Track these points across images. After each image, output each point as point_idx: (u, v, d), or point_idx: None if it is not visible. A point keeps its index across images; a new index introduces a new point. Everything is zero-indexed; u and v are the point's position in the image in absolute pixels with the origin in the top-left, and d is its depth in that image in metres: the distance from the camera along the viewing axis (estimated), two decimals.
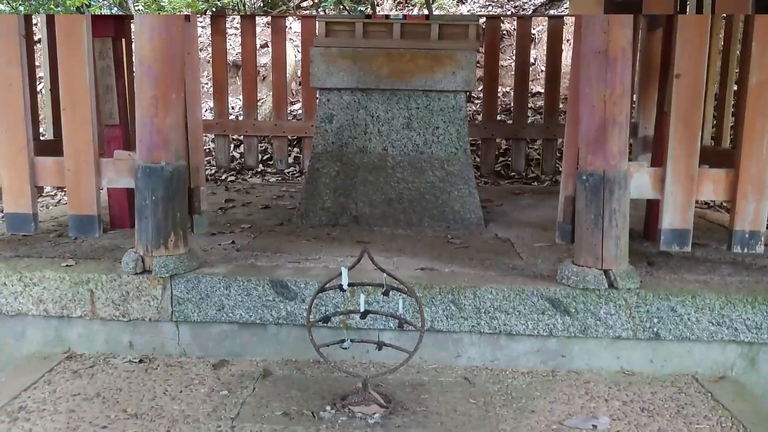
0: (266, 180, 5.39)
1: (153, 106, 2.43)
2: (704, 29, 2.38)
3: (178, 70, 2.48)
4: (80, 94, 2.49)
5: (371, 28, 3.58)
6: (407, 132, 3.61)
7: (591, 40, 2.36)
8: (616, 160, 2.39)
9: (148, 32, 2.40)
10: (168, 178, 2.45)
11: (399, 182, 3.60)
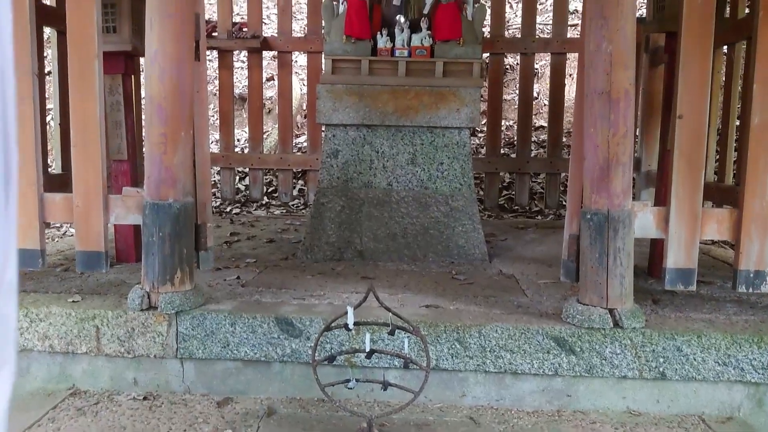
0: (271, 212, 5.42)
1: (162, 144, 2.46)
2: (705, 70, 2.42)
3: (187, 109, 2.52)
4: (91, 131, 2.53)
5: (377, 65, 3.64)
6: (412, 167, 3.64)
7: (594, 81, 2.40)
8: (620, 200, 2.41)
9: (158, 72, 2.44)
10: (175, 215, 2.47)
11: (404, 217, 3.62)
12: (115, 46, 3.12)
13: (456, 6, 3.60)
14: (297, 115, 7.06)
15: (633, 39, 2.39)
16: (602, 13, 2.35)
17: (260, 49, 5.23)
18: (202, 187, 2.75)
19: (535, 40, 5.10)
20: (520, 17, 6.21)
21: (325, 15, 3.70)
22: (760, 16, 2.38)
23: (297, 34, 7.36)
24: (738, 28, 3.52)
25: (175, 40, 2.45)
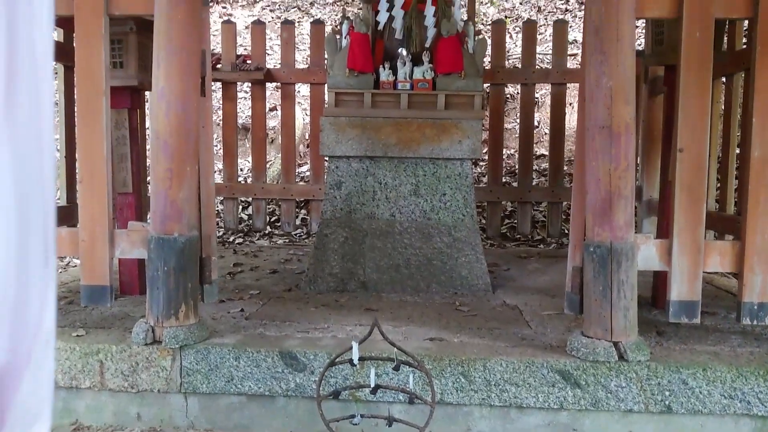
0: (274, 242, 5.43)
1: (168, 179, 2.48)
2: (705, 105, 2.45)
3: (192, 144, 2.55)
4: (98, 167, 2.55)
5: (379, 98, 3.68)
6: (415, 198, 3.66)
7: (595, 115, 2.43)
8: (623, 232, 2.42)
9: (165, 108, 2.48)
10: (180, 249, 2.49)
11: (407, 248, 3.63)
12: (121, 81, 3.17)
13: (457, 39, 3.65)
14: (300, 144, 7.11)
15: (633, 74, 2.43)
16: (602, 48, 2.39)
17: (264, 80, 5.29)
18: (206, 220, 2.77)
19: (535, 71, 5.16)
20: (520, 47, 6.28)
21: (328, 49, 3.76)
22: (757, 50, 2.42)
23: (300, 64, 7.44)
24: (736, 60, 3.57)
25: (181, 77, 2.49)
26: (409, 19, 3.75)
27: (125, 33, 3.17)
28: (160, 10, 2.47)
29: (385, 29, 3.82)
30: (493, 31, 5.23)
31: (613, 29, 2.34)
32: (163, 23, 2.47)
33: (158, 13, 2.47)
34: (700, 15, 2.40)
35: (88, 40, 2.51)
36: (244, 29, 8.50)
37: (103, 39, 2.51)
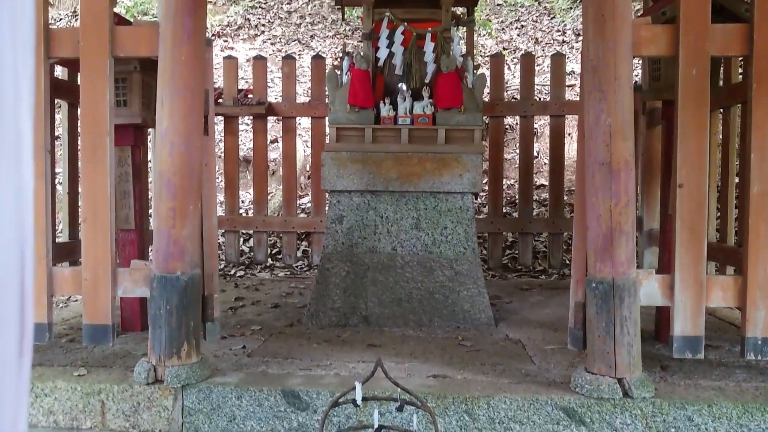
0: (275, 275, 5.43)
1: (171, 218, 2.50)
2: (703, 142, 2.47)
3: (195, 182, 2.57)
4: (101, 206, 2.57)
5: (380, 133, 3.72)
6: (416, 232, 3.67)
7: (594, 152, 2.45)
8: (625, 268, 2.42)
9: (168, 147, 2.51)
10: (183, 288, 2.49)
11: (408, 282, 3.63)
12: (125, 119, 3.20)
13: (457, 75, 3.70)
14: (300, 176, 7.15)
15: (631, 111, 2.46)
16: (600, 86, 2.42)
17: (265, 114, 5.34)
18: (209, 258, 2.78)
19: (534, 103, 5.21)
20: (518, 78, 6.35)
21: (329, 85, 3.80)
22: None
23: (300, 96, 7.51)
24: (733, 93, 3.61)
25: (184, 116, 2.52)
26: (409, 55, 3.80)
27: (129, 72, 3.21)
28: (164, 51, 2.51)
29: (385, 65, 3.87)
30: (491, 65, 5.29)
31: (610, 68, 2.38)
32: (167, 64, 2.50)
33: (162, 55, 2.51)
34: (696, 53, 2.43)
35: (93, 81, 2.54)
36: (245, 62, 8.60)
37: (108, 80, 2.55)
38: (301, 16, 10.17)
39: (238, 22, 10.09)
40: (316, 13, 10.18)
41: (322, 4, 10.13)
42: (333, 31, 9.82)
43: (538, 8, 9.76)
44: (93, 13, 2.50)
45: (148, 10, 9.91)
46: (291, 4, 10.26)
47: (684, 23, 2.43)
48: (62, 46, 2.55)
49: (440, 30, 3.79)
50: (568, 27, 9.26)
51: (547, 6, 9.69)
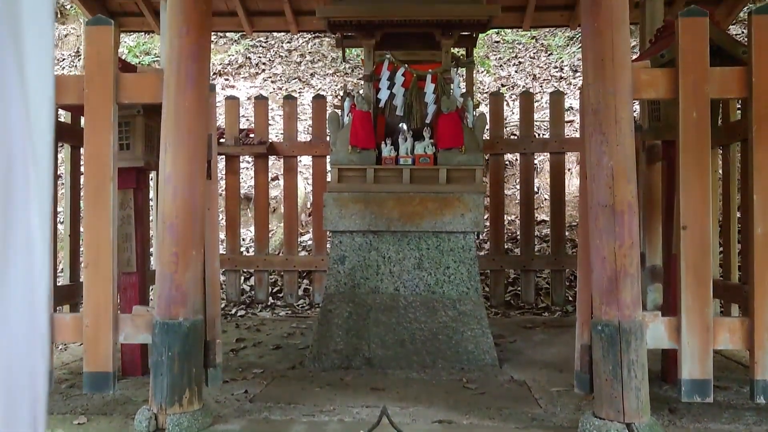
0: (276, 314, 5.39)
1: (173, 263, 2.49)
2: (705, 184, 2.48)
3: (198, 227, 2.56)
4: (104, 251, 2.56)
5: (382, 173, 3.73)
6: (418, 272, 3.65)
7: (597, 194, 2.45)
8: (631, 310, 2.41)
9: (171, 192, 2.51)
10: (185, 334, 2.47)
11: (411, 322, 3.60)
12: (128, 163, 3.21)
13: (457, 115, 3.73)
14: (302, 213, 7.16)
15: (632, 153, 2.47)
16: (601, 129, 2.43)
17: (266, 154, 5.37)
18: (211, 302, 2.76)
19: (534, 140, 5.24)
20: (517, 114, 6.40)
21: (330, 126, 3.83)
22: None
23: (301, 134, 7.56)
24: (732, 131, 3.64)
25: (188, 161, 2.53)
26: (410, 96, 3.84)
27: (132, 116, 3.23)
28: (168, 97, 2.53)
29: (386, 106, 3.91)
30: (491, 103, 5.34)
31: (611, 111, 2.40)
32: (171, 110, 2.52)
33: (166, 101, 2.53)
34: (696, 96, 2.46)
35: (97, 127, 2.56)
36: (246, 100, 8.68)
37: (112, 126, 2.56)
38: (302, 54, 10.30)
39: (239, 60, 10.21)
40: (316, 52, 10.31)
41: (321, 42, 10.27)
42: (333, 69, 9.93)
43: (535, 45, 9.89)
44: (98, 62, 2.53)
45: (150, 49, 10.04)
46: (291, 43, 10.40)
47: (683, 67, 2.46)
48: (67, 93, 2.57)
49: (440, 71, 3.83)
50: (565, 63, 9.37)
51: (543, 43, 9.83)
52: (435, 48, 3.91)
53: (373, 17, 3.72)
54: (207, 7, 2.59)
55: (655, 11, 5.01)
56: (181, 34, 2.51)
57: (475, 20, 3.76)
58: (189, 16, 2.52)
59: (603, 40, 2.41)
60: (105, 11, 5.90)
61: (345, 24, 3.83)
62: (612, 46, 2.40)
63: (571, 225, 6.37)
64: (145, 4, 5.76)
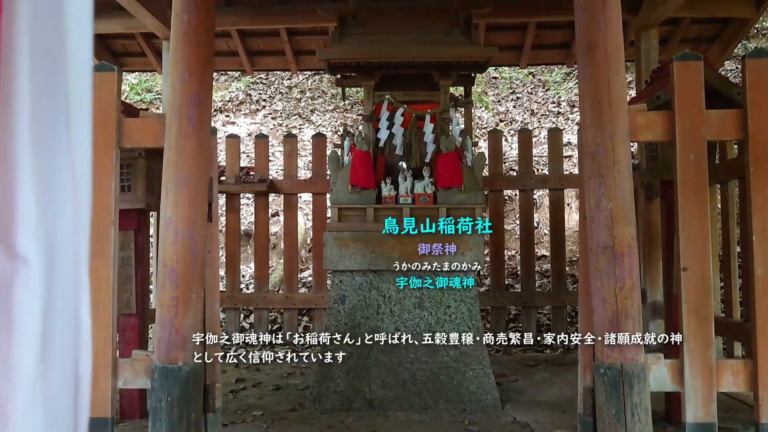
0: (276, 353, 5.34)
1: (174, 307, 2.48)
2: (704, 226, 2.49)
3: (198, 271, 2.56)
4: (104, 295, 2.56)
5: (382, 212, 3.74)
6: (419, 311, 3.64)
7: (597, 236, 2.46)
8: (633, 353, 2.40)
9: (172, 236, 2.52)
10: (185, 379, 2.45)
11: (413, 363, 3.57)
12: (129, 204, 3.22)
13: (456, 155, 3.75)
14: (302, 249, 7.16)
15: (631, 195, 2.49)
16: (599, 171, 2.45)
17: (267, 192, 5.40)
18: (211, 345, 2.74)
19: (533, 177, 5.27)
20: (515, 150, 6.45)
21: (330, 166, 3.86)
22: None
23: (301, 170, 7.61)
24: (729, 168, 3.65)
25: (189, 205, 2.54)
26: (409, 136, 3.87)
27: (134, 158, 3.25)
28: (170, 142, 2.55)
29: (385, 145, 3.94)
30: (489, 140, 5.38)
31: (609, 154, 2.42)
32: (172, 155, 2.55)
33: (168, 145, 2.55)
34: (693, 139, 2.48)
35: (99, 172, 2.57)
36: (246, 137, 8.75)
37: (114, 170, 2.59)
38: (302, 91, 10.41)
39: (240, 97, 10.32)
40: (316, 88, 10.43)
41: (321, 79, 10.40)
42: (333, 106, 10.04)
43: (532, 81, 10.01)
44: (100, 107, 2.56)
45: (152, 87, 10.16)
46: (291, 80, 10.53)
47: (679, 110, 2.49)
48: None
49: (439, 111, 3.87)
50: (563, 98, 9.48)
51: (541, 79, 9.95)
52: (433, 88, 3.96)
53: (372, 59, 3.77)
54: (209, 52, 2.63)
55: (650, 49, 5.10)
56: (183, 79, 2.55)
57: (473, 62, 3.82)
58: (191, 62, 2.56)
59: (599, 84, 2.45)
60: (108, 51, 5.99)
61: (345, 65, 3.88)
62: (608, 90, 2.43)
63: (572, 260, 6.36)
64: (147, 45, 5.86)
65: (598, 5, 2.45)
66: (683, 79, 2.51)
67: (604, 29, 2.45)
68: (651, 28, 4.99)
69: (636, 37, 5.08)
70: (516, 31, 5.79)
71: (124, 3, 4.68)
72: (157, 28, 4.97)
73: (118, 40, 5.95)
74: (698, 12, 5.10)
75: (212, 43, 2.67)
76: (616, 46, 2.48)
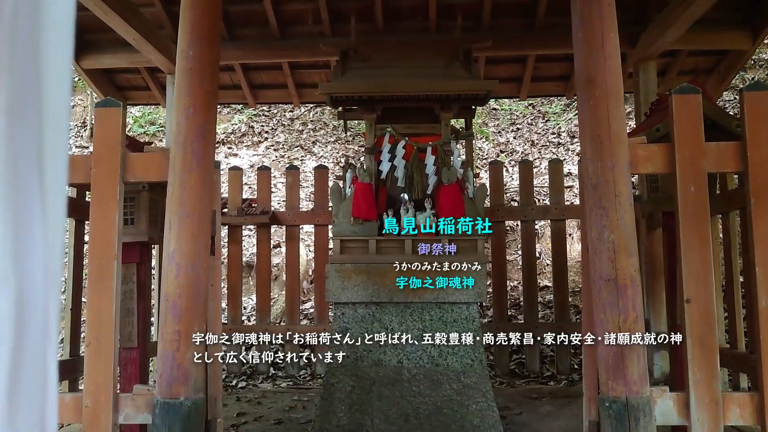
0: (277, 385, 5.30)
1: (176, 341, 2.47)
2: (707, 258, 2.49)
3: (201, 304, 2.56)
4: (106, 329, 2.55)
5: (384, 244, 3.74)
6: (422, 344, 3.61)
7: (599, 268, 2.46)
8: (638, 386, 2.38)
9: (175, 270, 2.52)
10: (186, 414, 2.43)
11: (416, 396, 3.54)
12: (132, 238, 3.23)
13: (458, 186, 3.77)
14: (303, 280, 7.15)
15: (633, 226, 2.49)
16: (601, 203, 2.46)
17: (269, 223, 5.41)
18: (213, 380, 2.72)
19: (534, 208, 5.29)
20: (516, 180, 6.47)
21: (333, 198, 3.87)
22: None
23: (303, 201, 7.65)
24: (730, 199, 3.67)
25: (192, 239, 2.55)
26: (411, 168, 3.90)
27: (138, 191, 3.27)
28: (173, 176, 2.57)
29: (387, 177, 3.96)
30: (490, 172, 5.41)
31: (610, 186, 2.43)
32: (176, 189, 2.56)
33: (172, 180, 2.57)
34: (693, 171, 2.50)
35: (103, 205, 2.59)
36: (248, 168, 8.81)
37: (118, 204, 2.60)
38: (304, 123, 10.51)
39: (243, 129, 10.41)
40: (318, 120, 10.52)
41: (323, 111, 10.49)
42: (334, 137, 10.12)
43: (532, 112, 10.10)
44: (106, 142, 2.59)
45: (155, 119, 10.25)
46: (294, 112, 10.63)
47: (679, 143, 2.51)
48: (75, 173, 2.62)
49: (440, 143, 3.90)
50: (563, 129, 9.55)
51: (541, 110, 10.04)
52: (435, 121, 4.00)
53: (373, 92, 3.82)
54: (213, 87, 2.67)
55: (649, 81, 5.16)
56: (188, 115, 2.58)
57: (473, 95, 3.86)
58: (196, 97, 2.59)
59: (599, 117, 2.48)
60: (113, 85, 6.07)
61: (347, 99, 3.93)
62: (608, 123, 2.46)
63: (574, 291, 6.34)
64: (151, 79, 5.93)
65: (597, 40, 2.49)
66: (682, 113, 2.54)
67: (603, 64, 2.49)
68: (649, 60, 5.06)
69: (634, 69, 5.14)
70: (515, 64, 5.87)
71: (130, 39, 4.76)
72: (162, 62, 5.04)
73: (123, 74, 6.03)
74: (695, 44, 5.17)
75: (217, 78, 2.71)
76: (616, 80, 2.51)
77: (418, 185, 3.89)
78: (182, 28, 2.63)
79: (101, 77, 5.84)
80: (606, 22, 2.49)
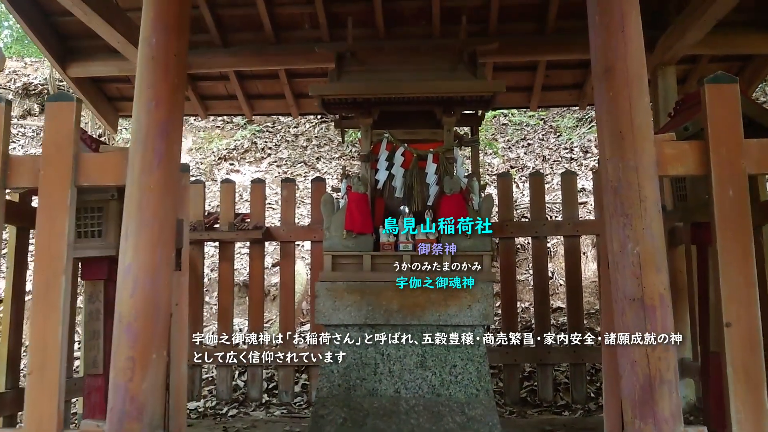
0: (271, 413, 4.93)
1: (129, 369, 2.14)
2: (750, 273, 2.13)
3: (161, 326, 2.23)
4: (51, 356, 2.22)
5: (379, 260, 3.40)
6: (422, 371, 3.26)
7: (622, 286, 2.11)
8: (670, 426, 2.01)
9: (131, 286, 2.20)
10: None
11: (414, 430, 3.17)
12: (99, 251, 2.90)
13: (461, 197, 3.43)
14: (302, 300, 6.80)
15: (661, 237, 2.14)
16: (623, 210, 2.12)
17: (263, 240, 5.08)
18: (176, 413, 2.39)
19: (546, 223, 4.92)
20: (527, 196, 6.12)
21: (324, 210, 3.54)
22: None
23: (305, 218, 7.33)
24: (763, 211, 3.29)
25: (152, 250, 2.23)
26: (410, 177, 3.57)
27: (106, 200, 2.94)
28: (132, 178, 2.26)
29: (384, 187, 3.64)
30: (499, 185, 5.06)
31: (634, 189, 2.09)
32: (134, 192, 2.25)
33: (129, 182, 2.26)
34: (731, 171, 2.15)
35: (51, 213, 2.28)
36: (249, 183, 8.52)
37: (68, 212, 2.28)
38: (308, 138, 10.24)
39: (245, 145, 10.16)
40: (323, 136, 10.26)
41: (328, 127, 10.23)
42: (339, 153, 9.84)
43: (543, 126, 9.77)
44: (56, 141, 2.28)
45: None
46: (298, 128, 10.37)
47: (714, 139, 2.16)
48: (21, 175, 2.32)
49: (442, 150, 3.58)
50: (575, 144, 9.20)
51: (552, 125, 9.71)
52: (436, 126, 3.68)
53: (368, 95, 3.51)
54: (179, 80, 2.36)
55: (668, 88, 4.83)
56: (149, 108, 2.27)
57: (478, 97, 3.54)
58: (159, 89, 2.28)
59: (619, 109, 2.14)
60: (102, 95, 5.82)
61: (340, 102, 3.62)
62: (630, 116, 2.12)
63: (589, 312, 5.96)
64: None
65: (616, 22, 2.16)
66: (717, 105, 2.19)
67: (624, 49, 2.16)
68: (668, 65, 4.73)
69: (652, 76, 4.80)
70: (525, 71, 5.56)
71: (115, 43, 4.52)
72: None
73: (113, 83, 5.77)
74: (717, 48, 4.83)
75: (184, 70, 2.40)
76: (638, 67, 2.18)
77: (417, 196, 3.56)
78: (145, 12, 2.33)
79: (90, 86, 5.59)
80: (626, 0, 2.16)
